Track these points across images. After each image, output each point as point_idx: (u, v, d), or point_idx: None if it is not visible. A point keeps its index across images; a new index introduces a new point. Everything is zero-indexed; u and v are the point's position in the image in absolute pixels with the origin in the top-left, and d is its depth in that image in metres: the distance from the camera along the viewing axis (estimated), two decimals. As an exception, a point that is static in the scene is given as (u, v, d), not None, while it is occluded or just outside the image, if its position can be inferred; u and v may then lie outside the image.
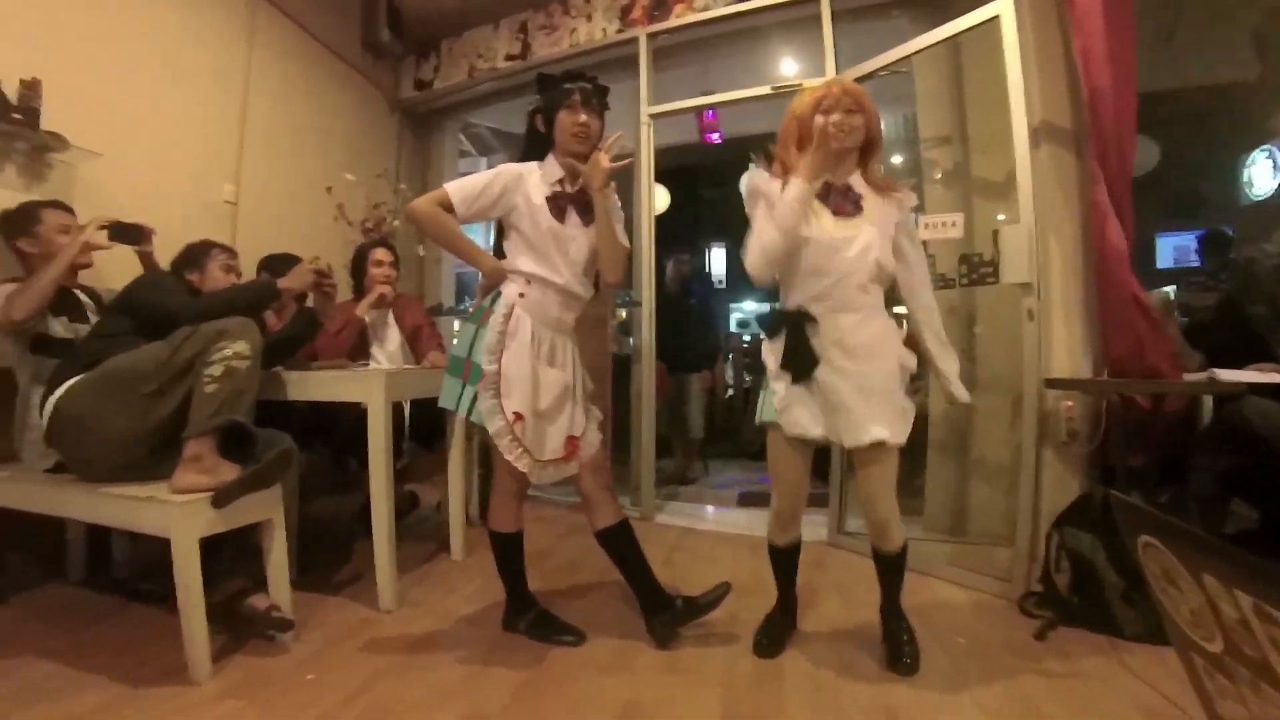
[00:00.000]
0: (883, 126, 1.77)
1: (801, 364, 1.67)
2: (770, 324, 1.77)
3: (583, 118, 1.79)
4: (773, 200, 1.66)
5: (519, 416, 1.73)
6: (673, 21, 3.53)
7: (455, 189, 1.77)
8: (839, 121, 1.64)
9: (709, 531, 3.25)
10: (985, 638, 1.96)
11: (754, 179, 1.72)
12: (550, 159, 1.86)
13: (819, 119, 1.66)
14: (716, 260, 8.98)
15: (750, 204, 1.73)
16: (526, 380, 1.74)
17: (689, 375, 4.54)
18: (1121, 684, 1.67)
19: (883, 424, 1.60)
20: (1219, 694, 0.85)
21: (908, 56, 2.77)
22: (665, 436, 4.38)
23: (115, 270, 2.33)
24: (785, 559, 1.90)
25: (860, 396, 1.62)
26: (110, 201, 2.46)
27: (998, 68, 2.42)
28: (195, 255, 2.31)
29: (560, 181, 1.84)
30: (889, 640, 1.81)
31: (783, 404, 1.71)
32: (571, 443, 1.83)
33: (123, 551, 2.32)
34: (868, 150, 1.73)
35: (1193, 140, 4.70)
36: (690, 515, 3.62)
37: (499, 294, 1.81)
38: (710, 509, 3.82)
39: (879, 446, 1.61)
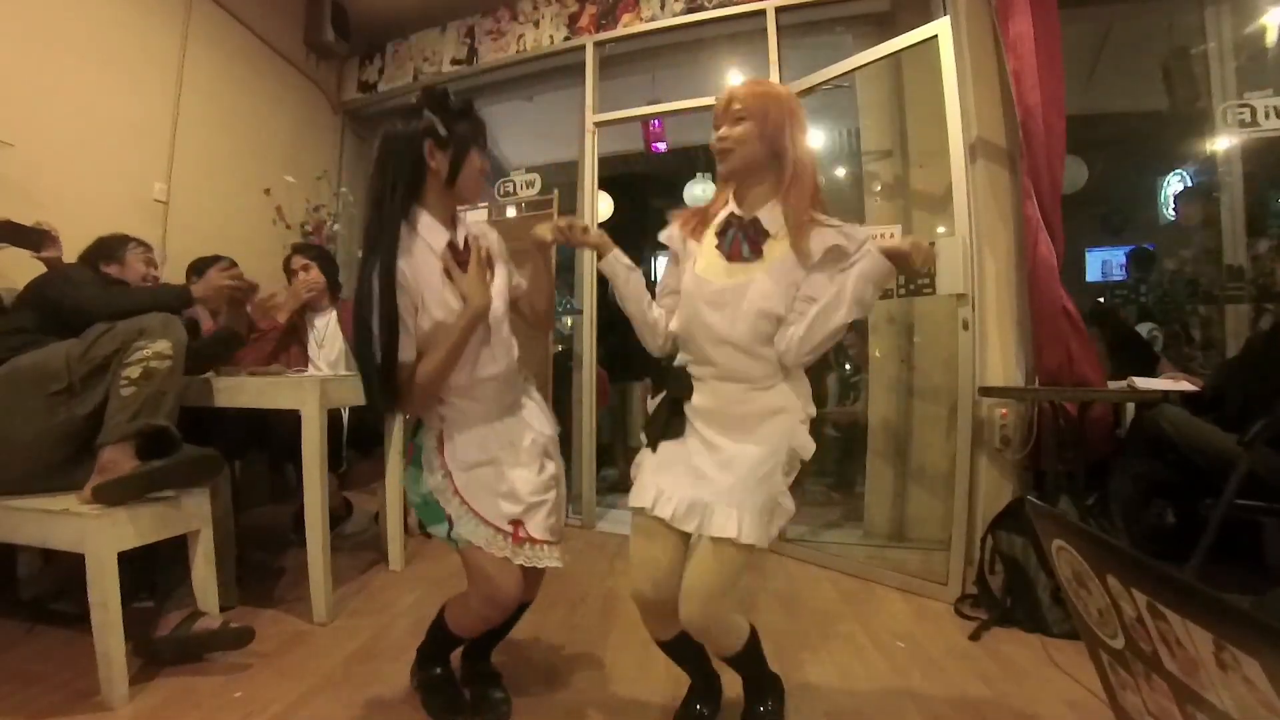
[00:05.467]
0: (817, 140, 1.61)
1: (660, 433, 1.38)
2: (656, 377, 1.47)
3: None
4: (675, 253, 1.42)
5: (517, 523, 1.41)
6: (620, 30, 3.54)
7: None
8: (722, 135, 1.31)
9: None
10: (925, 641, 2.00)
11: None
12: (425, 218, 1.40)
13: (712, 138, 1.34)
14: (661, 269, 9.05)
15: None
16: (503, 479, 1.42)
17: (631, 383, 4.54)
18: (1052, 680, 1.73)
19: (732, 516, 1.23)
20: (1120, 687, 0.89)
21: (850, 71, 2.84)
22: (607, 444, 4.38)
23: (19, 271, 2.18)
24: (678, 651, 1.46)
25: (720, 476, 1.28)
26: (22, 197, 2.33)
27: (937, 85, 2.50)
28: (112, 247, 2.19)
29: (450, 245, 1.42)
30: None
31: (641, 476, 1.38)
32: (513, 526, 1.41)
33: (30, 569, 2.18)
34: (779, 170, 1.31)
35: (1118, 162, 4.96)
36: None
37: (419, 426, 1.49)
38: (652, 517, 3.81)
39: (721, 540, 1.24)
